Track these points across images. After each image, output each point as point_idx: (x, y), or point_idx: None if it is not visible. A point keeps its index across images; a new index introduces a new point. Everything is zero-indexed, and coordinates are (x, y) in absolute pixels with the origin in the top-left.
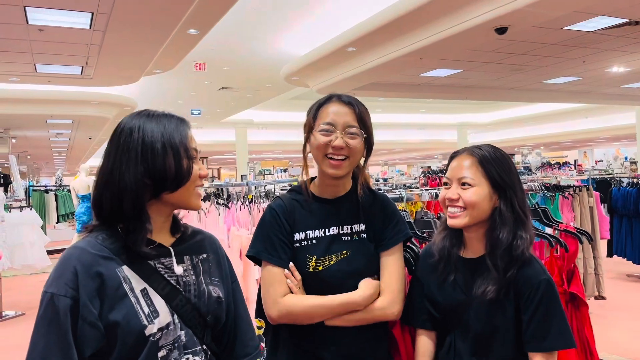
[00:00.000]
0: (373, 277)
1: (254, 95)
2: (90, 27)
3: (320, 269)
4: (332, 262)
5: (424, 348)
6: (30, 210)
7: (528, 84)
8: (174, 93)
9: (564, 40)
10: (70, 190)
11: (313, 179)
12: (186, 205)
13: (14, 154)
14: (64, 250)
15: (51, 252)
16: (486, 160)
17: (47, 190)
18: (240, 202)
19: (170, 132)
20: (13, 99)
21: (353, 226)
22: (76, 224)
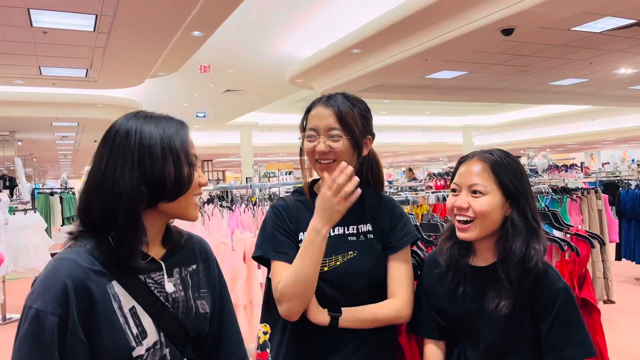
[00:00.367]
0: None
1: (259, 97)
2: (94, 30)
3: (325, 269)
4: (339, 263)
5: (432, 358)
6: (35, 213)
7: (534, 86)
8: (179, 95)
9: (570, 41)
10: (75, 193)
11: (316, 181)
12: (183, 216)
13: (20, 156)
14: (50, 261)
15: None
16: (498, 166)
17: (53, 193)
18: (244, 205)
19: (170, 136)
20: (18, 101)
21: (359, 226)
22: None
